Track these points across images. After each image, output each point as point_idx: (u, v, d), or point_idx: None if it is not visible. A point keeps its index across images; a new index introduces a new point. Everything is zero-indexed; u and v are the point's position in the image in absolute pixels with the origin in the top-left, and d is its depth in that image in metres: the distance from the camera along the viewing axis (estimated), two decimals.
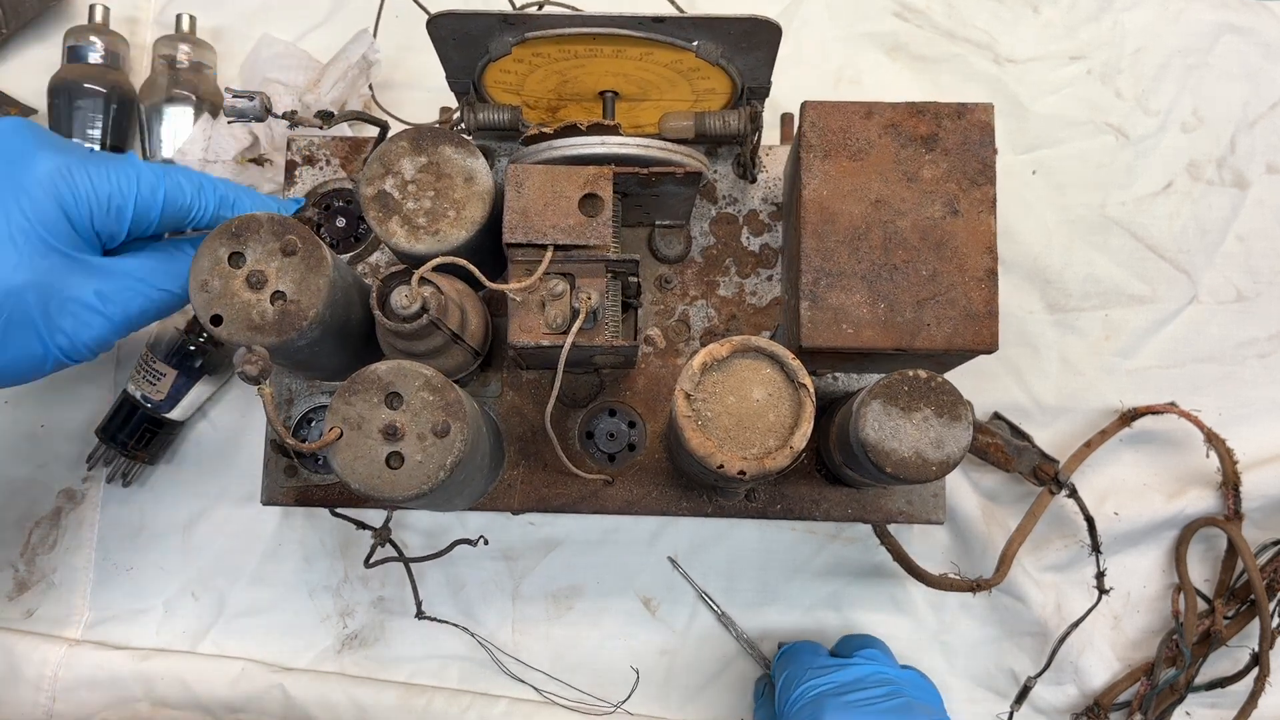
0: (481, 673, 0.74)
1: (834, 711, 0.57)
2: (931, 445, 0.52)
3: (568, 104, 0.64)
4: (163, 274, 0.56)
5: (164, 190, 0.55)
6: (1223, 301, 0.78)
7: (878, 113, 0.56)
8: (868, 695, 0.59)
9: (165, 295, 0.56)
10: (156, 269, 0.56)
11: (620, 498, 0.66)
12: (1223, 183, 0.79)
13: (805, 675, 0.63)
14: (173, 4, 0.80)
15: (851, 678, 0.61)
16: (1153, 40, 0.80)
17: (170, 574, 0.76)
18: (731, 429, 0.51)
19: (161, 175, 0.56)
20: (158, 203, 0.55)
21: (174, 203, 0.56)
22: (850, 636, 0.71)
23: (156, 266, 0.56)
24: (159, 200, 0.55)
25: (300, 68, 0.75)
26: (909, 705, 0.58)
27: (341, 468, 0.49)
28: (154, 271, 0.56)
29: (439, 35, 0.57)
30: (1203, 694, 0.74)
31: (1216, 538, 0.75)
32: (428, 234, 0.56)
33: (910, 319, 0.55)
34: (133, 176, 0.55)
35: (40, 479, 0.76)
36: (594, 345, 0.54)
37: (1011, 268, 0.78)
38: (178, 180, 0.56)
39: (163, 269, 0.56)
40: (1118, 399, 0.76)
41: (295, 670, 0.73)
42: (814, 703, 0.60)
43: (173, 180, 0.56)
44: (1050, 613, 0.74)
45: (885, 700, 0.59)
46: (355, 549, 0.75)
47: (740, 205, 0.68)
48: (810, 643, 0.69)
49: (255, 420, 0.76)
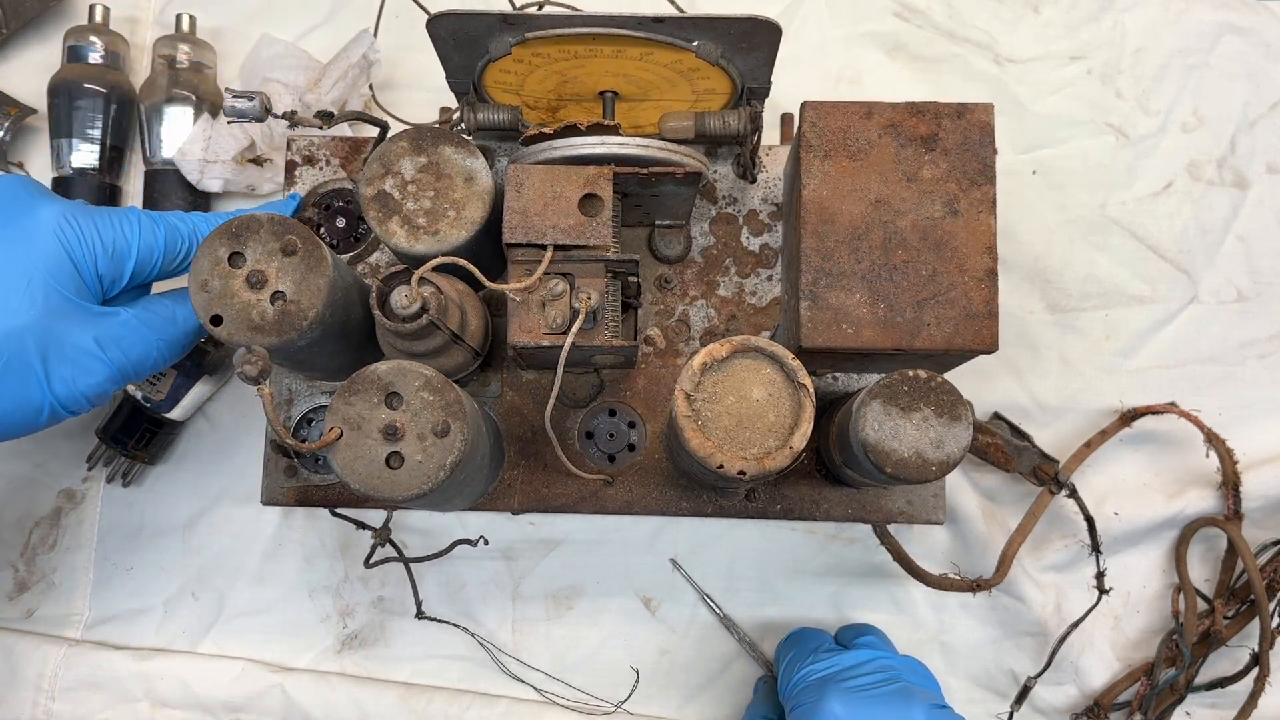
0: (481, 673, 0.74)
1: (836, 696, 0.58)
2: (931, 445, 0.52)
3: (568, 104, 0.64)
4: (162, 321, 0.57)
5: (163, 233, 0.57)
6: (1223, 301, 0.78)
7: (878, 113, 0.56)
8: (869, 680, 0.60)
9: (164, 344, 0.57)
10: (155, 316, 0.57)
11: (620, 498, 0.66)
12: (1223, 183, 0.79)
13: (808, 659, 0.64)
14: (173, 4, 0.80)
15: (852, 662, 0.62)
16: (1153, 40, 0.80)
17: (170, 574, 0.76)
18: (731, 429, 0.51)
19: (159, 219, 0.57)
20: (159, 245, 0.57)
21: (173, 245, 0.57)
22: (850, 625, 0.72)
23: (156, 313, 0.57)
24: (159, 242, 0.57)
25: (300, 68, 0.75)
26: (908, 690, 0.59)
27: (341, 468, 0.49)
28: (154, 318, 0.57)
29: (439, 35, 0.57)
30: (1203, 694, 0.74)
31: (1216, 538, 0.75)
32: (428, 234, 0.56)
33: (910, 319, 0.55)
34: (134, 221, 0.56)
35: (40, 479, 0.76)
36: (594, 345, 0.54)
37: (1011, 268, 0.78)
38: (173, 223, 0.58)
39: (162, 316, 0.57)
40: (1118, 399, 0.76)
41: (295, 670, 0.73)
42: (817, 686, 0.60)
43: (169, 223, 0.57)
44: (1050, 613, 0.74)
45: (885, 685, 0.60)
46: (355, 549, 0.75)
47: (740, 205, 0.68)
48: (814, 629, 0.70)
49: (255, 420, 0.76)
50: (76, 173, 0.75)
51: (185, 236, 0.58)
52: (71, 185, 0.75)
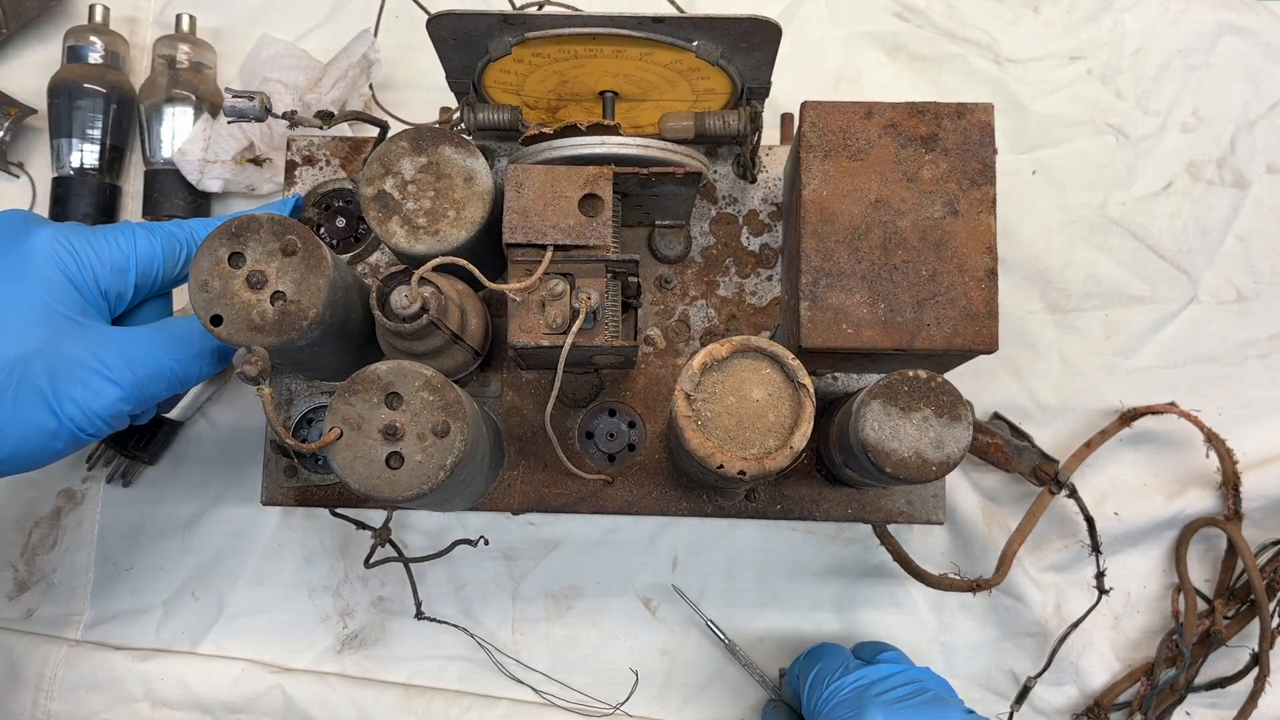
0: (481, 673, 0.74)
1: (878, 709, 0.58)
2: (931, 445, 0.52)
3: (568, 104, 0.64)
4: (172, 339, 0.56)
5: (160, 242, 0.57)
6: (1223, 301, 0.78)
7: (878, 113, 0.56)
8: (902, 692, 0.60)
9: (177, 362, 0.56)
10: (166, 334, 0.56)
11: (620, 498, 0.66)
12: (1223, 183, 0.79)
13: (837, 673, 0.63)
14: (173, 4, 0.80)
15: (880, 675, 0.62)
16: (1153, 40, 0.80)
17: (170, 574, 0.76)
18: (731, 429, 0.51)
19: (155, 229, 0.57)
20: (157, 254, 0.57)
21: (172, 252, 0.57)
22: (867, 643, 0.72)
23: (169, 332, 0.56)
24: (158, 252, 0.57)
25: (300, 68, 0.75)
26: (941, 698, 0.59)
27: (341, 468, 0.49)
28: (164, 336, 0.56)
29: (439, 35, 0.57)
30: (1203, 694, 0.74)
31: (1216, 538, 0.75)
32: (428, 234, 0.56)
33: (910, 319, 0.55)
34: (129, 234, 0.56)
35: (40, 479, 0.76)
36: (594, 345, 0.54)
37: (1011, 268, 0.78)
38: (170, 231, 0.58)
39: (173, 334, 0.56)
40: (1118, 399, 0.76)
41: (295, 671, 0.73)
42: (852, 700, 0.60)
43: (166, 232, 0.58)
44: (1050, 613, 0.74)
45: (918, 695, 0.59)
46: (355, 549, 0.75)
47: (740, 205, 0.68)
48: (832, 645, 0.70)
49: (255, 420, 0.76)
50: (76, 173, 0.75)
51: (183, 243, 0.58)
52: (71, 185, 0.75)
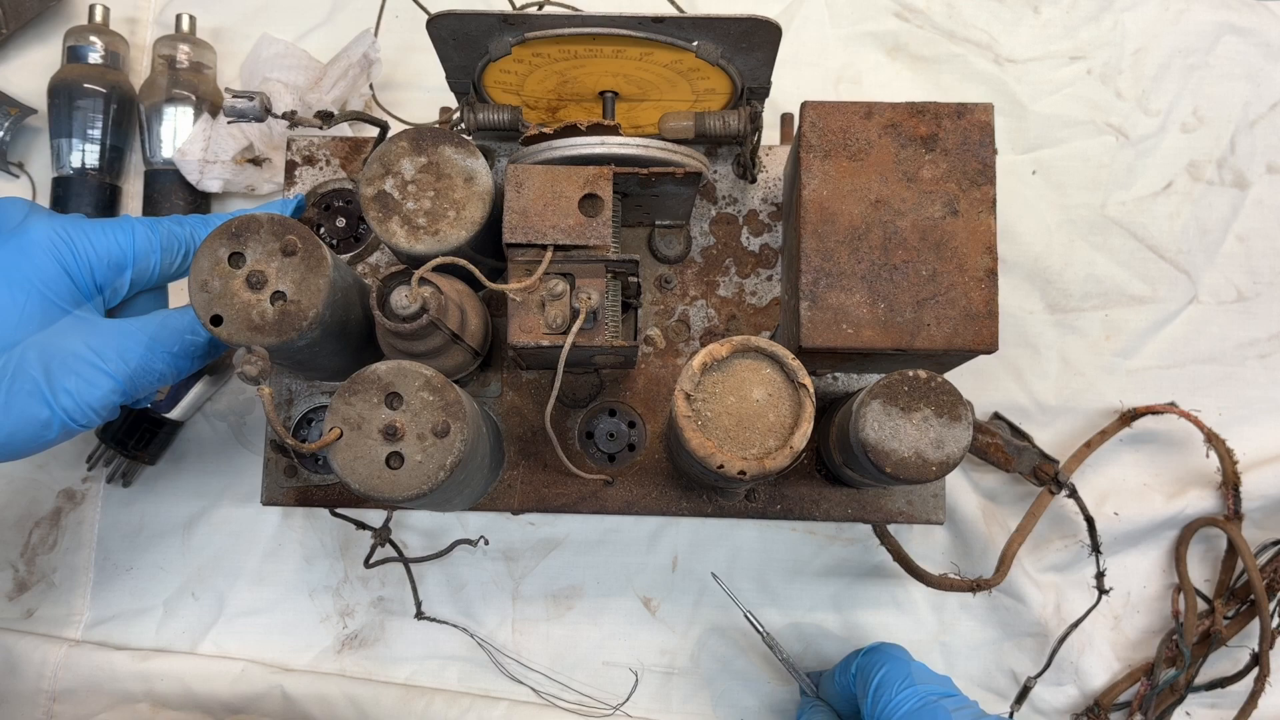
0: (481, 673, 0.74)
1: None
2: (931, 445, 0.52)
3: (568, 104, 0.64)
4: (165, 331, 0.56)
5: (159, 237, 0.57)
6: (1223, 301, 0.78)
7: (877, 113, 0.56)
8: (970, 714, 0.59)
9: (169, 354, 0.56)
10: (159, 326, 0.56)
11: (620, 498, 0.66)
12: (1223, 183, 0.79)
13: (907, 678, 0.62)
14: (173, 4, 0.80)
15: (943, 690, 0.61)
16: (1153, 40, 0.80)
17: (170, 574, 0.76)
18: (731, 429, 0.51)
19: (155, 225, 0.57)
20: (155, 249, 0.57)
21: (171, 248, 0.58)
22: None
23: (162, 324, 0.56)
24: (156, 247, 0.57)
25: (300, 68, 0.75)
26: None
27: (341, 468, 0.49)
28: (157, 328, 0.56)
29: (439, 35, 0.57)
30: (1203, 694, 0.74)
31: (1216, 538, 0.75)
32: (428, 234, 0.56)
33: (910, 319, 0.55)
34: (128, 229, 0.56)
35: (40, 479, 0.76)
36: (594, 345, 0.54)
37: (1011, 268, 0.78)
38: (170, 227, 0.58)
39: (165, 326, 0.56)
40: (1118, 399, 0.76)
41: (295, 670, 0.73)
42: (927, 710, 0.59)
43: (166, 227, 0.58)
44: (1050, 613, 0.74)
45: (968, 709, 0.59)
46: (355, 549, 0.75)
47: (740, 205, 0.68)
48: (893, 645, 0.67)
49: (255, 420, 0.76)
50: (76, 173, 0.75)
51: (183, 239, 0.58)
52: (71, 185, 0.75)
